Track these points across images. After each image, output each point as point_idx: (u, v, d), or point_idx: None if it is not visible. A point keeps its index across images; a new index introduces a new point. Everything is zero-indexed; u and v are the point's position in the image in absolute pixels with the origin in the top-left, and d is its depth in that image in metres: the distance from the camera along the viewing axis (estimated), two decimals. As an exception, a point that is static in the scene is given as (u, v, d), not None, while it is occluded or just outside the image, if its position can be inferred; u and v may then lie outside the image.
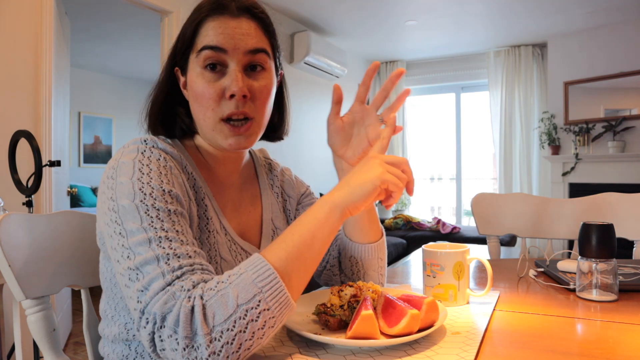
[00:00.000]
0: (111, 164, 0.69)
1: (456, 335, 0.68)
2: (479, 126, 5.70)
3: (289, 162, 4.17)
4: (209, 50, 0.72)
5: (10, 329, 1.89)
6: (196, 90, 0.74)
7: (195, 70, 0.74)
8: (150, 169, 0.67)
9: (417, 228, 4.80)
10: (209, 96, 0.73)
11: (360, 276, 0.91)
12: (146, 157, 0.68)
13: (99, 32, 4.65)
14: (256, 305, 0.56)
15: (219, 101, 0.73)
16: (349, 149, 0.83)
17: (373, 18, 4.30)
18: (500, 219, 1.57)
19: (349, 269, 0.91)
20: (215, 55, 0.72)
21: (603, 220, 0.96)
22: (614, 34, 4.42)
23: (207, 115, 0.74)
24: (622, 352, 0.64)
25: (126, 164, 0.67)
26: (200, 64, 0.73)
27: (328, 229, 0.65)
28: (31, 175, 1.86)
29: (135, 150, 0.69)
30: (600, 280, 0.88)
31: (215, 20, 0.74)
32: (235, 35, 0.73)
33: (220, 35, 0.72)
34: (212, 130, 0.75)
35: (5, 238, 0.74)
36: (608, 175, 4.42)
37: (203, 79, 0.73)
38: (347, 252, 0.91)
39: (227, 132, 0.74)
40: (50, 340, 0.78)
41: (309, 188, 1.01)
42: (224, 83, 0.73)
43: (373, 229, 0.89)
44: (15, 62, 2.20)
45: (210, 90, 0.73)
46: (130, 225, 0.62)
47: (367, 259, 0.89)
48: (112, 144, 6.51)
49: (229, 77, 0.72)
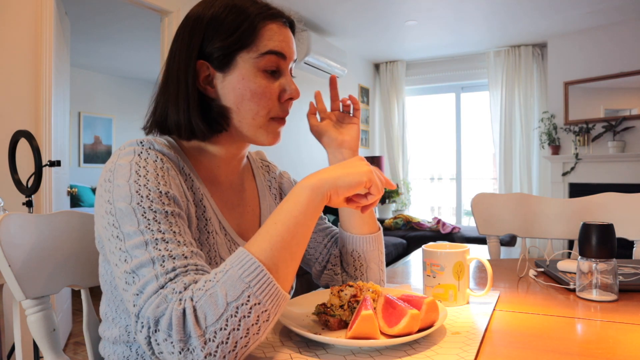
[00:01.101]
0: (108, 166, 0.69)
1: (456, 335, 0.68)
2: (479, 126, 5.70)
3: (287, 162, 4.17)
4: (274, 55, 0.76)
5: (10, 329, 1.89)
6: (255, 89, 0.75)
7: (250, 69, 0.75)
8: (147, 170, 0.67)
9: (417, 228, 4.80)
10: (269, 96, 0.77)
11: (363, 271, 0.91)
12: (143, 158, 0.68)
13: (99, 32, 4.65)
14: (246, 301, 0.55)
15: (276, 101, 0.78)
16: (345, 135, 0.92)
17: (373, 18, 4.30)
18: (500, 219, 1.57)
19: (351, 264, 0.92)
20: (278, 60, 0.77)
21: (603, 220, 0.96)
22: (614, 34, 4.41)
23: (261, 113, 0.77)
24: (622, 352, 0.64)
25: (123, 167, 0.67)
26: (261, 66, 0.76)
27: (311, 213, 0.64)
28: (31, 175, 1.86)
29: (131, 152, 0.69)
30: (600, 280, 0.88)
31: (276, 25, 0.77)
32: (290, 44, 0.79)
33: (283, 42, 0.77)
34: (261, 127, 0.78)
35: (5, 238, 0.74)
36: (608, 175, 4.42)
37: (262, 80, 0.76)
38: (348, 247, 0.92)
39: (273, 129, 0.79)
40: (50, 340, 0.78)
41: None
42: (283, 85, 0.78)
43: (372, 219, 0.92)
44: (15, 62, 2.20)
45: (271, 91, 0.77)
46: (127, 228, 0.62)
47: (369, 251, 0.91)
48: (112, 144, 6.52)
49: (286, 81, 0.78)
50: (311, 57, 4.25)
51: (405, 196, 5.84)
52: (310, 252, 0.96)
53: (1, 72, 2.14)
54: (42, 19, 2.29)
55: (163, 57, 3.10)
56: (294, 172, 1.48)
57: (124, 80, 6.63)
